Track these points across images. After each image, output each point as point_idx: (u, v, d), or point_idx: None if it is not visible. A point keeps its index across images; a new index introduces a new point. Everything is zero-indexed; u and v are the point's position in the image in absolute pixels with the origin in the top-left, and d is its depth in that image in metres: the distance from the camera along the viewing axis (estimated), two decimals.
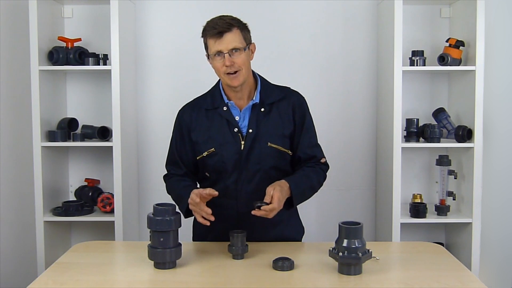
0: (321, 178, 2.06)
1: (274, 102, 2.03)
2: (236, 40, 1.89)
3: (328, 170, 2.11)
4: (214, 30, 1.87)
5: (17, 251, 2.84)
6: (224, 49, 1.88)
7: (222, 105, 2.01)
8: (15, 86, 2.83)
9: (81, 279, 1.71)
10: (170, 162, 2.12)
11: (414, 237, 3.08)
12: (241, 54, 1.90)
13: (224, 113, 2.01)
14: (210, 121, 2.02)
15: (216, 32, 1.87)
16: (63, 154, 3.05)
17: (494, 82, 2.92)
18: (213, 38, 1.88)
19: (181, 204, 1.98)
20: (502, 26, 2.94)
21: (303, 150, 2.04)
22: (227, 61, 1.88)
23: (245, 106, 2.01)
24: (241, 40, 1.91)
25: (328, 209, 3.12)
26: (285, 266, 1.75)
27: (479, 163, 2.74)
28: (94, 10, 3.03)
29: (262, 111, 2.01)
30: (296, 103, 2.05)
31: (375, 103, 3.11)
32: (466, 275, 1.75)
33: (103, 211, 2.86)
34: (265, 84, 2.06)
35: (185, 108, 2.10)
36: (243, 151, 1.98)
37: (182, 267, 1.79)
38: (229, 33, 1.88)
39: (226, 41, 1.87)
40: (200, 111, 2.04)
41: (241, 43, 1.91)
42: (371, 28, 3.08)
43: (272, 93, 2.04)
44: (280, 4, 3.06)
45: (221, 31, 1.87)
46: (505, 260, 3.01)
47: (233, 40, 1.88)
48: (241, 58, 1.90)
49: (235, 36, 1.89)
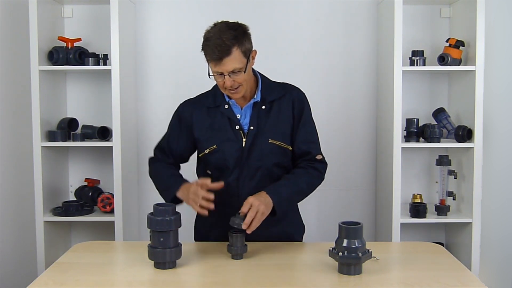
0: (314, 179, 2.04)
1: (275, 100, 2.04)
2: (236, 62, 1.87)
3: (326, 168, 2.09)
4: (214, 55, 1.86)
5: (17, 251, 2.84)
6: (224, 71, 1.88)
7: (223, 104, 2.03)
8: (15, 86, 2.83)
9: (81, 279, 1.71)
10: (160, 148, 2.15)
11: (414, 237, 3.08)
12: (241, 73, 1.90)
13: (225, 111, 2.02)
14: (211, 119, 2.03)
15: (215, 58, 1.86)
16: (63, 154, 3.05)
17: (494, 82, 2.92)
18: (212, 61, 1.88)
19: (167, 191, 2.01)
20: (502, 26, 2.94)
21: (298, 145, 2.04)
22: (228, 82, 1.89)
23: (246, 104, 2.03)
24: (241, 59, 1.89)
25: (328, 209, 3.12)
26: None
27: (479, 163, 2.74)
28: (94, 10, 3.03)
29: (263, 109, 2.02)
30: (296, 98, 2.06)
31: (375, 103, 3.11)
32: (466, 275, 1.75)
33: (103, 211, 2.86)
34: (265, 82, 2.07)
35: (186, 104, 2.11)
36: (245, 148, 1.99)
37: (182, 267, 1.79)
38: (228, 57, 1.86)
39: (226, 65, 1.86)
40: (201, 109, 2.06)
41: (241, 63, 1.89)
42: (371, 28, 3.08)
43: (273, 90, 2.05)
44: (280, 4, 3.06)
45: (221, 56, 1.85)
46: (505, 260, 3.01)
47: (233, 63, 1.87)
48: (241, 77, 1.91)
49: (235, 59, 1.87)
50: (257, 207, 1.82)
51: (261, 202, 1.84)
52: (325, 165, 2.09)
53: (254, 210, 1.82)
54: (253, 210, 1.82)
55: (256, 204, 1.83)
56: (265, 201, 1.86)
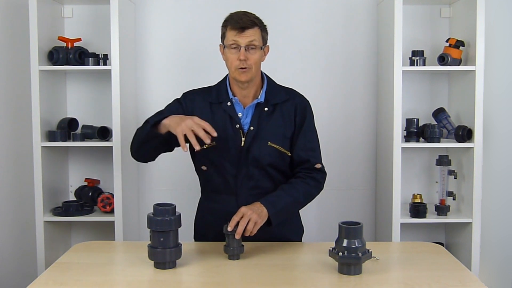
0: (312, 189, 2.04)
1: (278, 103, 2.04)
2: (255, 38, 1.94)
3: (325, 178, 2.09)
4: (237, 24, 1.93)
5: (17, 251, 2.84)
6: (242, 43, 1.93)
7: (226, 100, 2.03)
8: (15, 86, 2.83)
9: (81, 279, 1.71)
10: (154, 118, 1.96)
11: (414, 237, 3.08)
12: (256, 52, 1.95)
13: (227, 108, 2.02)
14: (213, 114, 2.03)
15: (238, 26, 1.92)
16: (63, 154, 3.05)
17: (494, 82, 2.92)
18: (234, 30, 1.93)
19: (146, 123, 1.91)
20: (502, 26, 2.95)
21: (297, 153, 2.04)
22: (242, 55, 1.93)
23: (249, 104, 2.03)
24: (259, 39, 1.96)
25: (328, 209, 3.12)
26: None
27: (479, 163, 2.73)
28: (94, 10, 3.03)
29: (266, 111, 2.02)
30: (299, 105, 2.06)
31: (375, 103, 3.11)
32: (466, 275, 1.75)
33: (103, 211, 2.86)
34: (271, 85, 2.08)
35: (189, 94, 2.11)
36: (243, 148, 1.99)
37: (182, 267, 1.79)
38: (251, 29, 1.93)
39: (246, 36, 1.93)
40: (205, 102, 2.06)
41: (259, 41, 1.96)
42: (371, 28, 3.08)
43: (277, 94, 2.06)
44: (280, 4, 3.06)
45: (244, 26, 1.92)
46: (505, 260, 3.01)
47: (252, 36, 1.94)
48: (255, 56, 1.95)
49: (255, 34, 1.94)
50: (249, 216, 1.82)
51: (253, 211, 1.84)
52: (324, 174, 2.08)
53: (246, 218, 1.82)
54: (245, 219, 1.82)
55: (248, 213, 1.83)
56: (258, 211, 1.86)
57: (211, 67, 3.04)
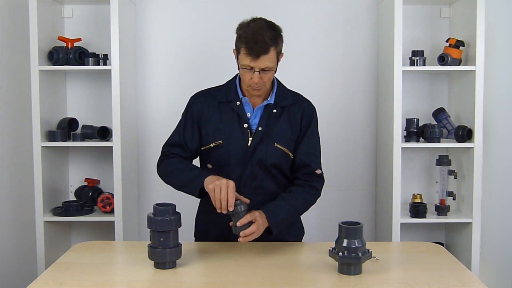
0: (312, 197, 2.05)
1: (286, 106, 2.05)
2: (270, 62, 1.90)
3: (323, 185, 2.10)
4: (252, 51, 1.87)
5: (17, 251, 2.84)
6: (256, 68, 1.90)
7: (235, 100, 2.04)
8: (15, 86, 2.83)
9: (81, 279, 1.71)
10: (173, 144, 2.06)
11: (414, 237, 3.08)
12: (270, 72, 1.94)
13: (236, 108, 2.02)
14: (221, 113, 2.03)
15: (254, 53, 1.87)
16: (63, 154, 3.05)
17: (494, 82, 2.92)
18: (249, 56, 1.89)
19: (194, 181, 1.92)
20: (502, 26, 2.95)
21: (299, 156, 2.05)
22: (256, 78, 1.91)
23: (258, 105, 2.04)
24: (274, 60, 1.92)
25: (328, 209, 3.12)
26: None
27: (479, 163, 2.74)
28: (94, 10, 3.03)
29: (274, 112, 2.03)
30: (306, 110, 2.08)
31: (375, 103, 3.11)
32: (466, 275, 1.75)
33: (103, 211, 2.86)
34: (281, 88, 2.10)
35: (198, 95, 2.11)
36: (250, 147, 2.00)
37: (182, 267, 1.79)
38: (265, 55, 1.88)
39: (261, 62, 1.89)
40: (213, 102, 2.06)
41: (274, 63, 1.93)
42: (371, 28, 3.08)
43: (286, 97, 2.07)
44: (280, 4, 3.06)
45: (259, 54, 1.87)
46: (505, 260, 3.01)
47: (267, 61, 1.89)
48: (269, 76, 1.94)
49: (269, 58, 1.90)
50: (258, 226, 1.84)
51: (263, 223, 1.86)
52: (322, 182, 2.10)
53: (255, 227, 1.83)
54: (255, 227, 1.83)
55: (260, 222, 1.85)
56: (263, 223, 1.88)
57: (211, 67, 3.05)
